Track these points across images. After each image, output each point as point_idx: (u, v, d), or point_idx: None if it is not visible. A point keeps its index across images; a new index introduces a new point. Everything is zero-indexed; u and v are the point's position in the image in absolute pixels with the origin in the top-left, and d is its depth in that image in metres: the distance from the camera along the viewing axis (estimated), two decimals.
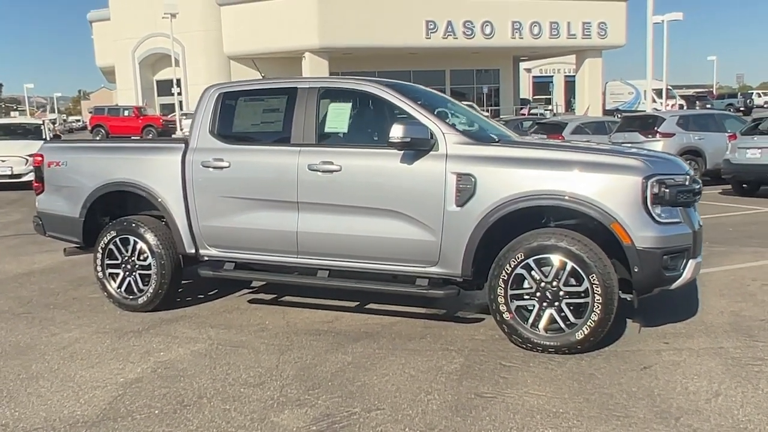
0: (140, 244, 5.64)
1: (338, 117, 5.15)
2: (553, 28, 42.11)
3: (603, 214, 4.28)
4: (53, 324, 5.48)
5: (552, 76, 71.06)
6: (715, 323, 5.08)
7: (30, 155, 16.23)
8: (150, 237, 5.59)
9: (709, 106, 42.86)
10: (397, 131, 4.55)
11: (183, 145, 5.53)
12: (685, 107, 40.60)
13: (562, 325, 4.42)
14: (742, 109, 46.15)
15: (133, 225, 5.66)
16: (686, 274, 4.47)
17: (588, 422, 3.48)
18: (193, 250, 5.55)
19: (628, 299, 4.60)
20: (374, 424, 3.51)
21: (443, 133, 4.71)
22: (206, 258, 5.58)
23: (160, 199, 5.52)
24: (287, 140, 5.18)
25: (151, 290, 5.62)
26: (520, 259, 4.45)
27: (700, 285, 5.96)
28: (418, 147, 4.64)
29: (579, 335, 4.36)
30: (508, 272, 4.48)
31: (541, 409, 3.64)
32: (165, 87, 43.53)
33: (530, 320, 4.49)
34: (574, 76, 52.48)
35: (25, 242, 9.49)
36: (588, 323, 4.33)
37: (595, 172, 4.36)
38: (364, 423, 3.53)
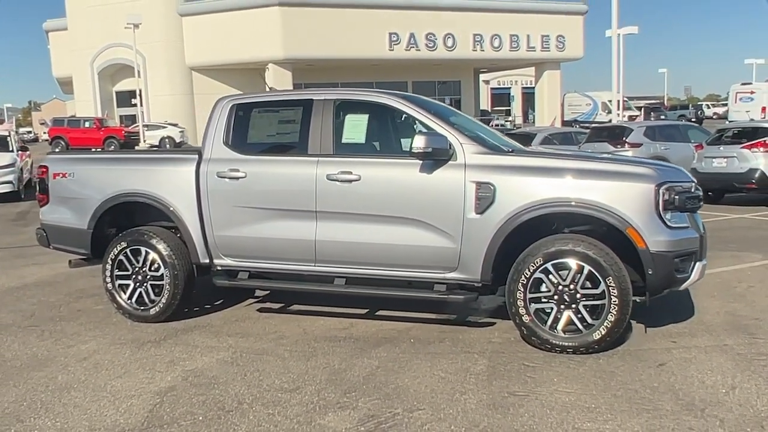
0: (152, 255, 5.65)
1: (355, 128, 5.28)
2: (513, 40, 43.03)
3: (619, 220, 4.51)
4: (65, 336, 5.45)
5: (510, 88, 72.35)
6: (714, 323, 5.36)
7: None
8: (162, 247, 5.61)
9: (663, 117, 44.34)
10: (419, 142, 4.72)
11: (196, 155, 5.58)
12: (641, 118, 41.84)
13: (580, 326, 4.63)
14: (693, 119, 47.81)
15: (145, 236, 5.68)
16: (694, 276, 4.74)
17: (621, 416, 3.67)
18: (207, 260, 5.59)
19: (638, 300, 4.83)
20: (419, 423, 3.64)
21: (461, 144, 4.89)
22: (219, 268, 5.63)
23: (173, 210, 5.56)
24: (304, 151, 5.29)
25: (163, 301, 5.64)
26: (539, 263, 4.65)
27: (691, 288, 6.23)
28: (438, 157, 4.81)
29: (596, 335, 4.57)
30: (528, 276, 4.68)
31: (574, 405, 3.83)
32: (125, 98, 42.95)
33: (548, 322, 4.68)
34: (531, 87, 53.67)
35: (9, 256, 9.33)
36: (605, 324, 4.54)
37: (611, 180, 4.60)
38: (409, 422, 3.66)
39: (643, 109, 46.63)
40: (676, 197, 4.57)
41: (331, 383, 4.26)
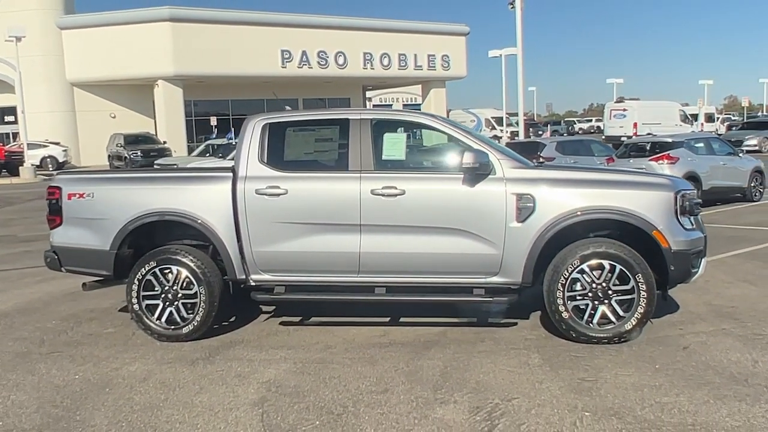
0: (184, 273, 5.66)
1: (395, 146, 5.62)
2: (402, 59, 44.46)
3: (647, 224, 5.16)
4: (101, 360, 5.35)
5: (392, 105, 74.23)
6: (701, 312, 6.16)
7: None
8: (195, 265, 5.64)
9: (540, 132, 47.42)
10: (468, 158, 5.17)
11: (230, 173, 5.68)
12: (547, 134, 44.49)
13: (613, 319, 5.23)
14: (564, 134, 51.55)
15: (177, 254, 5.68)
16: (701, 271, 5.48)
17: (687, 390, 4.27)
18: (243, 276, 5.69)
19: None
20: (524, 409, 4.05)
21: (498, 159, 5.38)
22: (254, 283, 5.74)
23: (208, 226, 5.61)
24: (344, 167, 5.56)
25: (198, 318, 5.65)
26: (576, 265, 5.21)
27: None
28: (481, 171, 5.27)
29: (628, 326, 5.19)
30: (566, 277, 5.22)
31: (641, 384, 4.39)
32: None
33: (584, 317, 5.25)
34: (412, 104, 55.66)
35: None
36: (635, 315, 5.17)
37: (636, 189, 5.26)
38: (515, 409, 4.06)
39: (515, 123, 49.59)
40: (687, 203, 5.31)
41: (414, 383, 4.56)
